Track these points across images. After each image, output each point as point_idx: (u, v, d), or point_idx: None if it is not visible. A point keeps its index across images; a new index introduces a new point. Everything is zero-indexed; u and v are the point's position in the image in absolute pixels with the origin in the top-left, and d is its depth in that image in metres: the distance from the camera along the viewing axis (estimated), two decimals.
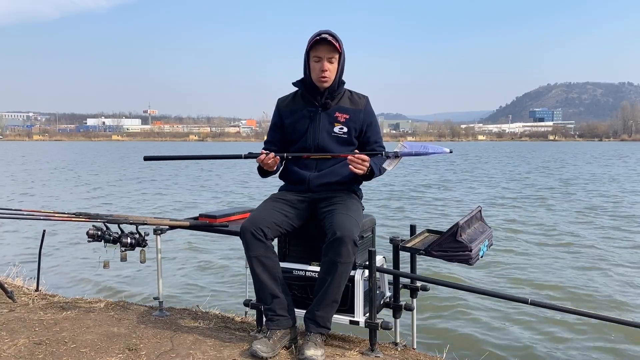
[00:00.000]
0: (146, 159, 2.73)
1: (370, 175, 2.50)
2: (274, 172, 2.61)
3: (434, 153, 2.43)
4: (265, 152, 2.48)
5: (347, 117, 2.60)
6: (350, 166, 2.41)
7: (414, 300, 2.89)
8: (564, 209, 11.81)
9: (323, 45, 2.48)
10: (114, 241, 2.76)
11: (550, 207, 12.13)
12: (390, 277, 2.73)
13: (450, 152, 2.57)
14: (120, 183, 18.69)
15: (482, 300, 4.88)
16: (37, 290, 3.59)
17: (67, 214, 2.86)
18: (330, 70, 2.52)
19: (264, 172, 2.57)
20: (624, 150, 63.38)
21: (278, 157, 2.47)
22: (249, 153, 2.51)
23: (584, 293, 5.36)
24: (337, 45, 2.48)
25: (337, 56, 2.52)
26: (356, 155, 2.40)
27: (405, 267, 2.72)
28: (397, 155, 2.47)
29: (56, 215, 2.86)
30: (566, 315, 4.26)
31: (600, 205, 12.35)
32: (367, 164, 2.43)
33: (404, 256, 2.63)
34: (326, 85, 2.55)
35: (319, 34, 2.48)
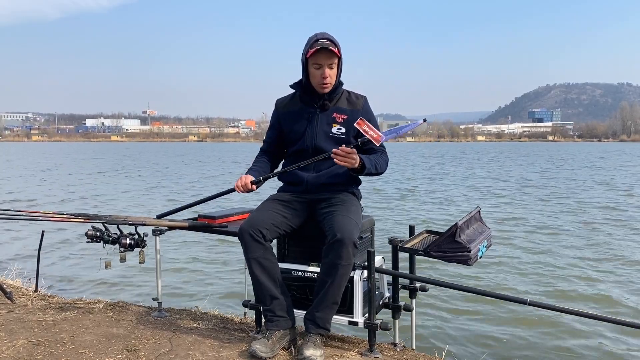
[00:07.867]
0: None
1: (362, 169, 2.44)
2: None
3: (407, 129, 2.54)
4: (243, 181, 2.53)
5: (345, 117, 2.60)
6: (335, 160, 2.37)
7: (413, 300, 2.89)
8: (564, 208, 11.82)
9: (323, 53, 2.47)
10: (113, 242, 2.76)
11: (550, 207, 12.14)
12: (390, 277, 2.74)
13: (425, 121, 2.70)
14: (119, 182, 18.67)
15: (481, 300, 4.88)
16: (36, 291, 3.59)
17: (66, 214, 2.85)
18: (331, 76, 2.53)
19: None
20: (621, 150, 63.43)
21: (252, 184, 2.53)
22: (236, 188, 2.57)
23: (584, 293, 5.36)
24: (336, 51, 2.47)
25: (336, 61, 2.53)
26: (340, 148, 2.36)
27: (404, 268, 2.72)
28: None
29: (55, 215, 2.85)
30: (565, 315, 4.27)
31: (601, 206, 12.36)
32: (354, 157, 2.37)
33: (403, 257, 2.63)
34: (327, 90, 2.56)
35: (316, 39, 2.47)
